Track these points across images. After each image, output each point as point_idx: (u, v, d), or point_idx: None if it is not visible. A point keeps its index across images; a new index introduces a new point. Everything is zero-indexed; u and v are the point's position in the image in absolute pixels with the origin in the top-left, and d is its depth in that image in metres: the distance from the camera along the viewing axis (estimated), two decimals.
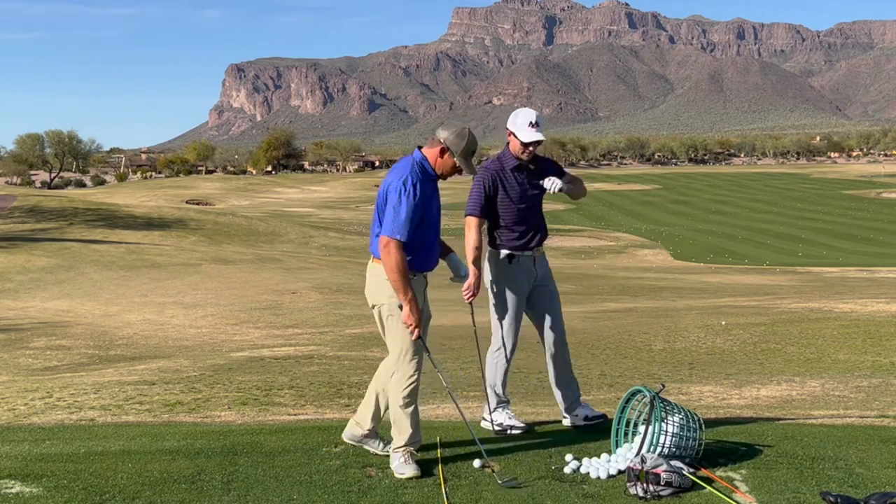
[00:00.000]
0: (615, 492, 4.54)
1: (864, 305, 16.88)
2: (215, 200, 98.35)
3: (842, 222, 69.19)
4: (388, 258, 4.82)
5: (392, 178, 4.93)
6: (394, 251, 4.80)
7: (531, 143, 5.56)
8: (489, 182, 5.67)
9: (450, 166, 5.02)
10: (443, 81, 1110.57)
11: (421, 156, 5.02)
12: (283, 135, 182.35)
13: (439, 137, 5.02)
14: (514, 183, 5.68)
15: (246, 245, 43.51)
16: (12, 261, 30.22)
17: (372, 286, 5.08)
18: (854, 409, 7.05)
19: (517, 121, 5.63)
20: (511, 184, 5.68)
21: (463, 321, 16.53)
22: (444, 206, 5.36)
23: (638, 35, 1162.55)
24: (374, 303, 5.08)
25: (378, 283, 5.01)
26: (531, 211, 5.73)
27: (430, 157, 5.02)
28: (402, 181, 4.86)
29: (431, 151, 5.02)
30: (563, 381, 5.90)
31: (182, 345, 14.63)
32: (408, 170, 4.93)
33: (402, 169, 4.96)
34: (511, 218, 5.69)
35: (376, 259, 5.01)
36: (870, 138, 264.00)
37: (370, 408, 5.26)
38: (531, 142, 5.55)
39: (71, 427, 6.61)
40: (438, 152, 5.00)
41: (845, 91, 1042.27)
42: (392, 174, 4.99)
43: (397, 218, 4.82)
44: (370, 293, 5.11)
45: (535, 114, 5.65)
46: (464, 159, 5.02)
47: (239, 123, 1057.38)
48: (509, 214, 5.68)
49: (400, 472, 4.81)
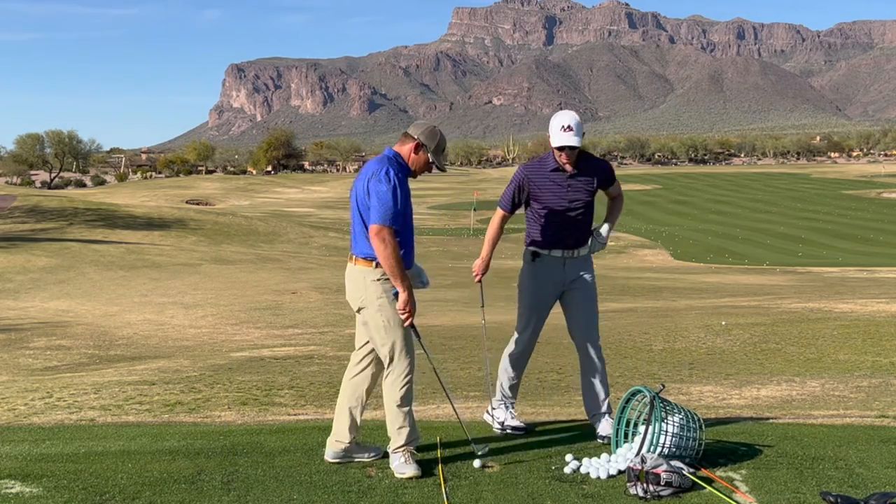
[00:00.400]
0: (615, 492, 4.53)
1: (864, 305, 16.88)
2: (215, 200, 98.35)
3: (842, 222, 69.16)
4: (383, 246, 4.76)
5: (371, 172, 4.88)
6: (388, 238, 4.75)
7: (562, 148, 5.54)
8: (524, 180, 5.71)
9: (423, 162, 5.03)
10: (443, 81, 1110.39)
11: (394, 153, 5.02)
12: (283, 135, 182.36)
13: (413, 134, 5.02)
14: (550, 184, 5.66)
15: (246, 245, 43.51)
16: (12, 261, 30.23)
17: (358, 289, 4.99)
18: (854, 409, 7.04)
19: (552, 123, 5.63)
20: (547, 184, 5.67)
21: (463, 321, 16.53)
22: (444, 206, 5.36)
23: (638, 35, 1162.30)
24: (362, 305, 5.00)
25: (364, 284, 4.95)
26: (567, 213, 5.66)
27: (404, 153, 5.02)
28: (385, 172, 4.84)
29: (405, 148, 5.02)
30: (584, 389, 5.83)
31: (182, 345, 14.63)
32: (386, 163, 4.91)
33: (379, 164, 4.93)
34: (541, 217, 5.69)
35: (359, 259, 4.95)
36: (870, 138, 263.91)
37: (345, 421, 5.15)
38: (560, 146, 5.54)
39: (71, 427, 6.61)
40: (413, 148, 5.00)
41: (845, 91, 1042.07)
42: (368, 170, 4.93)
43: (386, 206, 4.76)
44: (356, 296, 5.01)
45: (570, 117, 5.59)
46: (436, 155, 5.05)
47: (239, 123, 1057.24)
48: (540, 214, 5.69)
49: (400, 472, 4.80)
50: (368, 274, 4.91)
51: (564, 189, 5.64)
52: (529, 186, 5.70)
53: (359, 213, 4.91)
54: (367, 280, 4.92)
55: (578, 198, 5.65)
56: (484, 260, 5.85)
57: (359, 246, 4.95)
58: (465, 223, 67.60)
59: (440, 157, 5.09)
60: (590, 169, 5.69)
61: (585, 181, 5.65)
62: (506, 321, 15.90)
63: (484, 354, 6.68)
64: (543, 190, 5.67)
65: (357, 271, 4.98)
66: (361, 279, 4.95)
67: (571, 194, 5.64)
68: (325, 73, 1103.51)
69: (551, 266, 5.74)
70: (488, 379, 6.80)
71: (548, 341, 12.94)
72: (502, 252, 59.48)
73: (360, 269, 4.94)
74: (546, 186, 5.67)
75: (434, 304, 20.31)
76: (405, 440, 4.94)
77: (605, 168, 5.79)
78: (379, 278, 4.91)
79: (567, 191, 5.64)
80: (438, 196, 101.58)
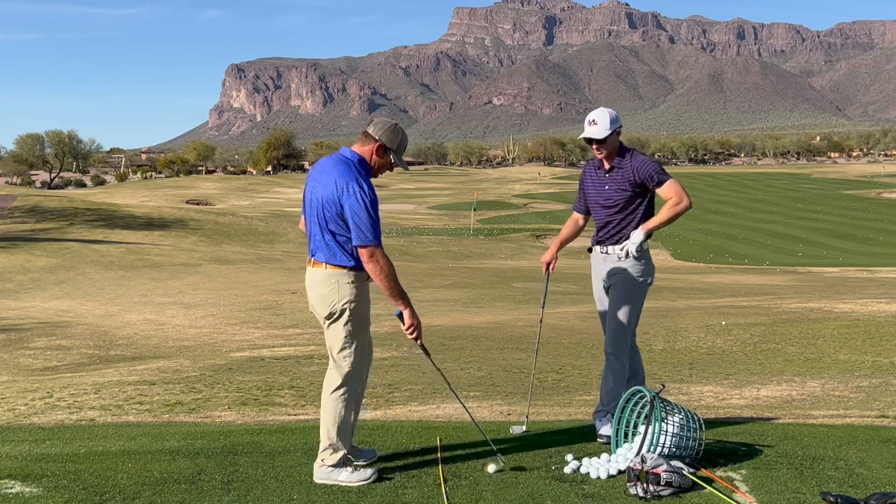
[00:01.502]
0: (615, 492, 4.53)
1: (864, 305, 16.89)
2: (215, 200, 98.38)
3: (842, 222, 69.20)
4: (379, 269, 4.58)
5: (341, 183, 4.58)
6: (381, 259, 4.58)
7: (589, 141, 5.59)
8: (581, 177, 5.91)
9: (386, 163, 4.85)
10: (443, 81, 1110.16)
11: (357, 155, 4.78)
12: (283, 135, 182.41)
13: (374, 135, 4.80)
14: (594, 180, 5.77)
15: (246, 245, 43.53)
16: (12, 261, 30.24)
17: (331, 293, 4.72)
18: (854, 409, 7.04)
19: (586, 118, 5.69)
20: (591, 181, 5.80)
21: (463, 321, 16.53)
22: (444, 206, 5.35)
23: (638, 35, 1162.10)
24: (332, 311, 4.71)
25: (338, 287, 4.71)
26: (603, 210, 5.69)
27: (366, 154, 4.80)
28: (358, 184, 4.60)
29: (366, 149, 4.79)
30: (602, 385, 5.80)
31: (182, 345, 14.63)
32: (353, 171, 4.67)
33: (343, 171, 4.63)
34: (593, 213, 5.83)
35: (329, 265, 4.70)
36: (870, 138, 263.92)
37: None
38: (583, 138, 5.62)
39: (71, 427, 6.61)
40: (375, 150, 4.79)
41: (845, 91, 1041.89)
42: (330, 175, 4.66)
43: (369, 223, 4.55)
44: (326, 302, 4.73)
45: (599, 111, 5.62)
46: (398, 155, 4.88)
47: (239, 123, 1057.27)
48: (591, 210, 5.83)
49: (356, 480, 4.67)
50: (342, 277, 4.70)
51: (602, 186, 5.69)
52: (583, 183, 5.88)
53: (324, 221, 4.67)
54: (340, 283, 4.71)
55: (612, 196, 5.62)
56: (549, 253, 5.94)
57: (325, 254, 4.72)
58: (465, 223, 67.60)
59: (401, 157, 4.92)
60: (627, 167, 5.59)
61: (621, 179, 5.59)
62: (504, 321, 15.89)
63: (535, 357, 6.72)
64: (588, 186, 5.82)
65: (327, 275, 4.73)
66: (334, 282, 4.72)
67: (607, 192, 5.65)
68: (325, 73, 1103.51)
69: (596, 262, 5.82)
70: (533, 381, 6.86)
71: (548, 341, 12.95)
72: (502, 252, 59.13)
73: (332, 273, 4.71)
74: (589, 183, 5.81)
75: (434, 304, 20.31)
76: (338, 460, 4.73)
77: (640, 167, 5.56)
78: (352, 281, 4.71)
79: (605, 188, 5.67)
80: (438, 196, 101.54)
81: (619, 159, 5.62)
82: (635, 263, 5.58)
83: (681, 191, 5.53)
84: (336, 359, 4.78)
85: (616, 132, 5.56)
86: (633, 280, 5.60)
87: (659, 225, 5.56)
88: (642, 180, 5.54)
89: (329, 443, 4.73)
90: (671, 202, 5.53)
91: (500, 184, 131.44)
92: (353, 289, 4.71)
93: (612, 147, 5.59)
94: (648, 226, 5.54)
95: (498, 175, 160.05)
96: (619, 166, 5.61)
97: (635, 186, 5.55)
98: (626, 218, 5.60)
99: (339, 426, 4.74)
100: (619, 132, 5.59)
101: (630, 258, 5.56)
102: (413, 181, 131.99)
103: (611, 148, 5.59)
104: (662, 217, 5.54)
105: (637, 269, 5.60)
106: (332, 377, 4.80)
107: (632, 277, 5.59)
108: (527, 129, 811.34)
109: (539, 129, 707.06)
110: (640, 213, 5.59)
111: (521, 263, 42.37)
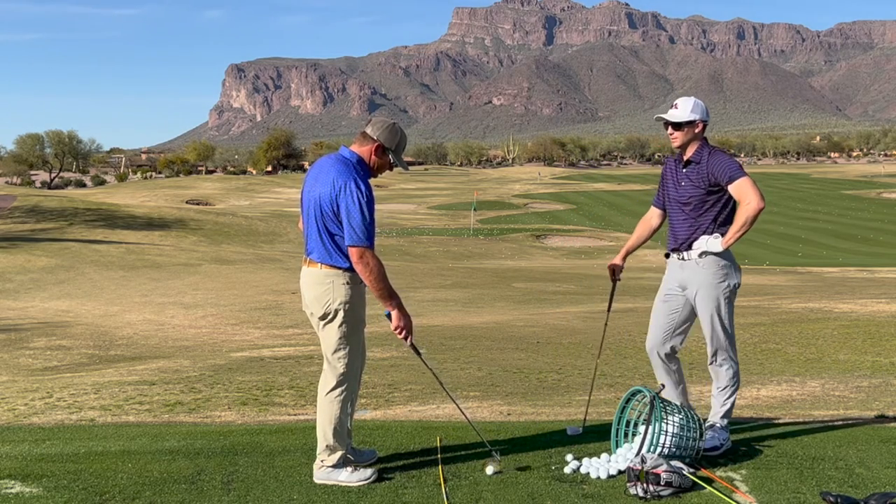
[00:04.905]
0: (615, 492, 4.53)
1: (864, 305, 16.89)
2: (215, 200, 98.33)
3: (842, 222, 69.20)
4: (368, 271, 4.56)
5: (339, 185, 4.56)
6: (371, 260, 4.56)
7: (664, 124, 5.25)
8: (663, 172, 5.48)
9: (385, 163, 4.82)
10: (443, 81, 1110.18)
11: (356, 155, 4.76)
12: (283, 135, 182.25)
13: (372, 135, 4.77)
14: (671, 174, 5.38)
15: (246, 245, 43.53)
16: (12, 261, 30.24)
17: (326, 293, 4.69)
18: (854, 409, 7.05)
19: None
20: (669, 174, 5.39)
21: (463, 321, 16.52)
22: (444, 206, 5.34)
23: (638, 35, 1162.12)
24: (327, 311, 4.68)
25: (333, 287, 4.69)
26: (681, 206, 5.26)
27: (365, 155, 4.77)
28: (356, 184, 4.58)
29: (364, 150, 4.76)
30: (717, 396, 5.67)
31: (182, 345, 14.63)
32: (352, 171, 4.62)
33: (342, 171, 4.61)
34: (668, 211, 5.43)
35: (325, 265, 4.68)
36: (870, 138, 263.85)
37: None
38: (656, 118, 5.28)
39: (71, 427, 6.61)
40: (374, 150, 4.75)
41: (845, 91, 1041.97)
42: (328, 174, 4.64)
43: (362, 224, 4.54)
44: (321, 302, 4.70)
45: (687, 99, 5.23)
46: (397, 155, 4.85)
47: (239, 123, 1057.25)
48: (668, 207, 5.43)
49: (356, 480, 4.69)
50: (338, 278, 4.68)
51: (679, 182, 5.30)
52: (663, 177, 5.47)
53: (322, 220, 4.65)
54: (336, 284, 4.69)
55: (687, 192, 5.22)
56: (616, 260, 5.76)
57: (321, 254, 4.69)
58: (465, 223, 67.57)
59: (401, 157, 4.89)
60: (704, 163, 5.18)
61: (697, 174, 5.18)
62: (504, 321, 15.88)
63: (597, 359, 6.38)
64: (666, 180, 5.42)
65: (322, 275, 4.70)
66: (330, 283, 4.69)
67: (683, 188, 5.25)
68: (324, 73, 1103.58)
69: (671, 267, 5.44)
70: (594, 384, 6.75)
71: (548, 341, 12.94)
72: (502, 252, 59.00)
73: (327, 273, 4.69)
74: (668, 176, 5.41)
75: (434, 304, 20.31)
76: (337, 460, 4.73)
77: (716, 162, 5.14)
78: (347, 282, 4.69)
79: (681, 183, 5.28)
80: (438, 196, 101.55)
81: (697, 154, 5.21)
82: (717, 269, 5.20)
83: (750, 190, 5.01)
84: (330, 360, 4.77)
85: (696, 123, 5.19)
86: (717, 286, 5.24)
87: (735, 236, 5.09)
88: (716, 178, 5.11)
89: (326, 444, 4.75)
90: (741, 207, 5.06)
91: (499, 184, 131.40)
92: (348, 290, 4.71)
93: (687, 137, 5.20)
94: (728, 242, 5.10)
95: (498, 175, 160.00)
96: (696, 161, 5.21)
97: (710, 185, 5.14)
98: (701, 217, 5.21)
99: (336, 427, 4.75)
100: (701, 126, 5.21)
101: (709, 262, 5.20)
102: (413, 181, 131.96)
103: (686, 138, 5.20)
104: (735, 227, 5.09)
105: (719, 275, 5.22)
106: (327, 379, 4.80)
107: (716, 284, 5.23)
108: (527, 129, 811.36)
109: (539, 129, 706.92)
110: (716, 213, 5.19)
111: (520, 263, 42.37)
